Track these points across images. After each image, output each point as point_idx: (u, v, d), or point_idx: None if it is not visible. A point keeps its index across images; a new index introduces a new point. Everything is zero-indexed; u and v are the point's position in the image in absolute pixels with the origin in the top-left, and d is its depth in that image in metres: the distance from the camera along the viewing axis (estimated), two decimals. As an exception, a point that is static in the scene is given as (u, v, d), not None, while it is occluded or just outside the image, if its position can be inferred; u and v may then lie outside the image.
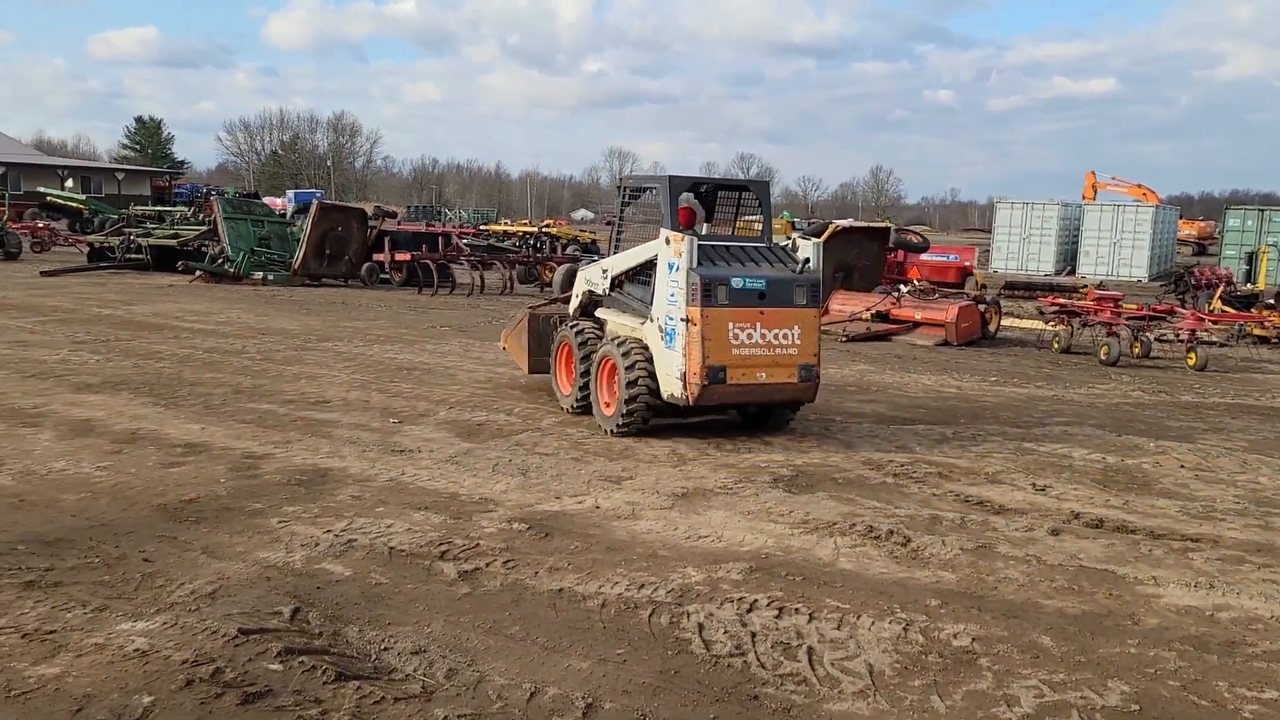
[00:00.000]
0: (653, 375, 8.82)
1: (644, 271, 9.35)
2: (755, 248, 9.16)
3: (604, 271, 9.98)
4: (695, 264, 8.48)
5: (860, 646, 4.79)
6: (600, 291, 10.05)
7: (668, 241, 8.75)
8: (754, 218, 9.93)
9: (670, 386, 8.69)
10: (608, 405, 9.23)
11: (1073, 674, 4.56)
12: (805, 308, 8.94)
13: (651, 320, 8.93)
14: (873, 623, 5.06)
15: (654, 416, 9.03)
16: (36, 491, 6.72)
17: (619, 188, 10.65)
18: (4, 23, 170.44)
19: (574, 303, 10.61)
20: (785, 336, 8.76)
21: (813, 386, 9.08)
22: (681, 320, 8.50)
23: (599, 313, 10.01)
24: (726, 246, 9.02)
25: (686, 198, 9.80)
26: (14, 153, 68.10)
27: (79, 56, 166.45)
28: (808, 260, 9.09)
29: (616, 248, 10.14)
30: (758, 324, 8.62)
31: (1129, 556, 6.20)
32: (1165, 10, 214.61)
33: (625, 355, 8.93)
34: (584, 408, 9.67)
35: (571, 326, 10.16)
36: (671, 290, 8.64)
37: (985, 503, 7.27)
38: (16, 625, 4.65)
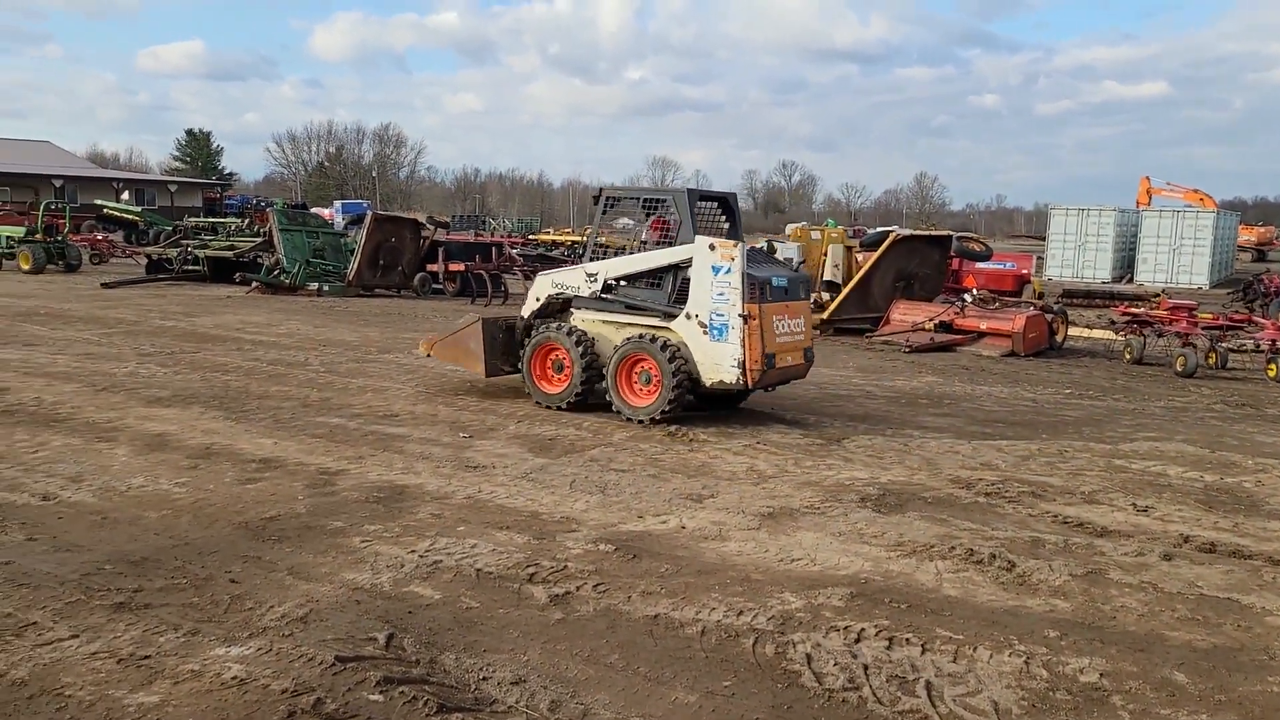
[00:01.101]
0: (690, 366, 9.75)
1: (653, 275, 10.18)
2: (753, 250, 10.40)
3: (591, 275, 10.40)
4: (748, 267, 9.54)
5: (981, 681, 4.55)
6: (585, 294, 10.47)
7: (712, 248, 9.66)
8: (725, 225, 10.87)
9: (719, 375, 9.67)
10: (636, 397, 9.98)
11: (1215, 715, 4.29)
12: (804, 301, 10.59)
13: (689, 318, 9.77)
14: (991, 655, 4.81)
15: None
16: (118, 509, 6.66)
17: (596, 198, 11.08)
18: (55, 38, 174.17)
19: (531, 306, 10.92)
20: (798, 325, 10.26)
21: (810, 365, 10.62)
22: (739, 316, 9.49)
23: (579, 314, 10.55)
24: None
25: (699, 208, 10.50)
26: (71, 166, 69.60)
27: (128, 70, 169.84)
28: (802, 261, 10.67)
29: (599, 254, 10.63)
30: (785, 316, 10.02)
31: (1251, 584, 5.89)
32: (1218, 12, 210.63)
33: (663, 350, 9.72)
34: (578, 403, 10.31)
35: (557, 328, 10.51)
36: (720, 290, 9.59)
37: (1086, 524, 6.97)
38: (111, 650, 4.55)
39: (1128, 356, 16.09)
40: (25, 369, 11.72)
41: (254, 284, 23.49)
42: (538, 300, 10.83)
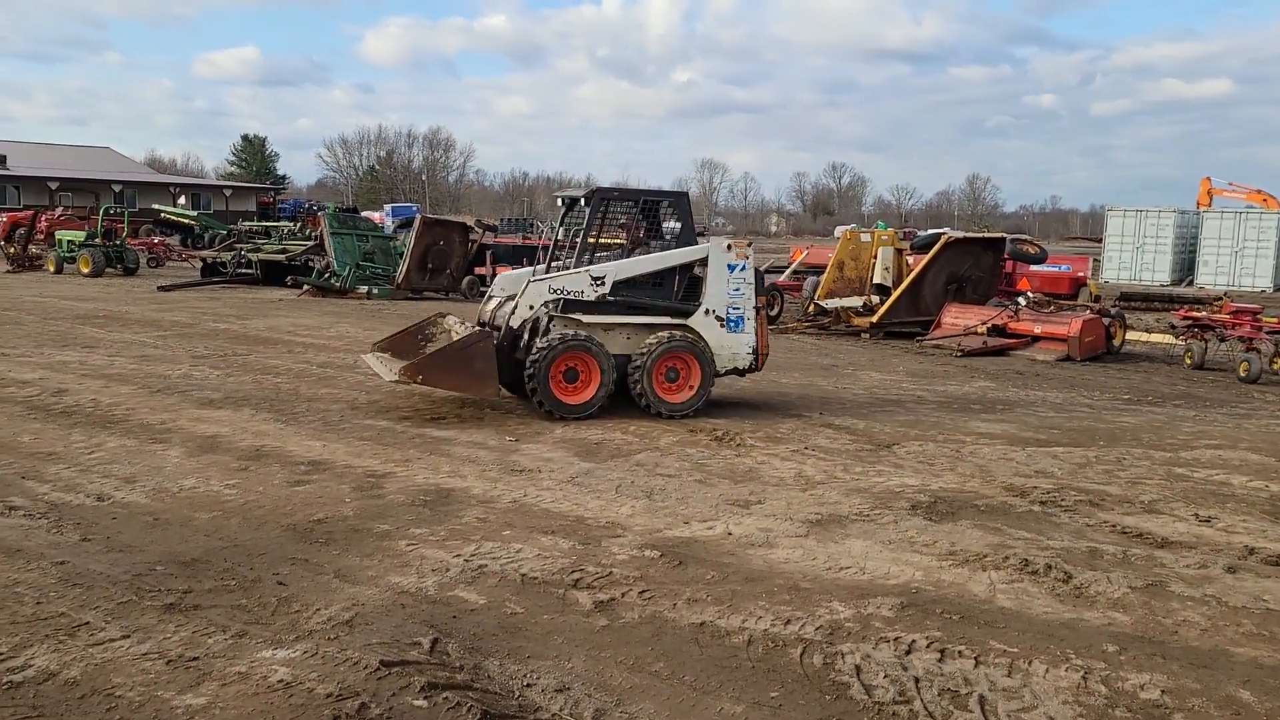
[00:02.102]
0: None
1: (657, 276, 10.53)
2: None
3: (598, 279, 10.27)
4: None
5: (1037, 697, 4.42)
6: (590, 299, 10.26)
7: (729, 247, 10.57)
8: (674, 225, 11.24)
9: (735, 362, 10.61)
10: (669, 394, 10.26)
11: (1284, 736, 4.13)
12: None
13: (708, 313, 10.45)
14: (1047, 669, 4.67)
15: None
16: (170, 510, 6.74)
17: (587, 199, 10.84)
18: (114, 45, 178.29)
19: (523, 314, 10.28)
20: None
21: None
22: (753, 308, 10.58)
23: (585, 319, 10.21)
24: None
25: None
26: (130, 171, 71.16)
27: (185, 76, 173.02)
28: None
29: (588, 258, 10.68)
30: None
31: (1320, 599, 5.68)
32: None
33: (700, 346, 10.29)
34: (597, 412, 10.07)
35: (575, 336, 9.99)
36: (736, 286, 10.50)
37: (1145, 535, 6.78)
38: (161, 651, 4.58)
39: (1188, 361, 15.70)
40: (83, 371, 11.95)
41: (305, 287, 23.79)
42: (530, 308, 10.26)
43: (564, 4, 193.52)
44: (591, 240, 10.84)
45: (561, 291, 10.30)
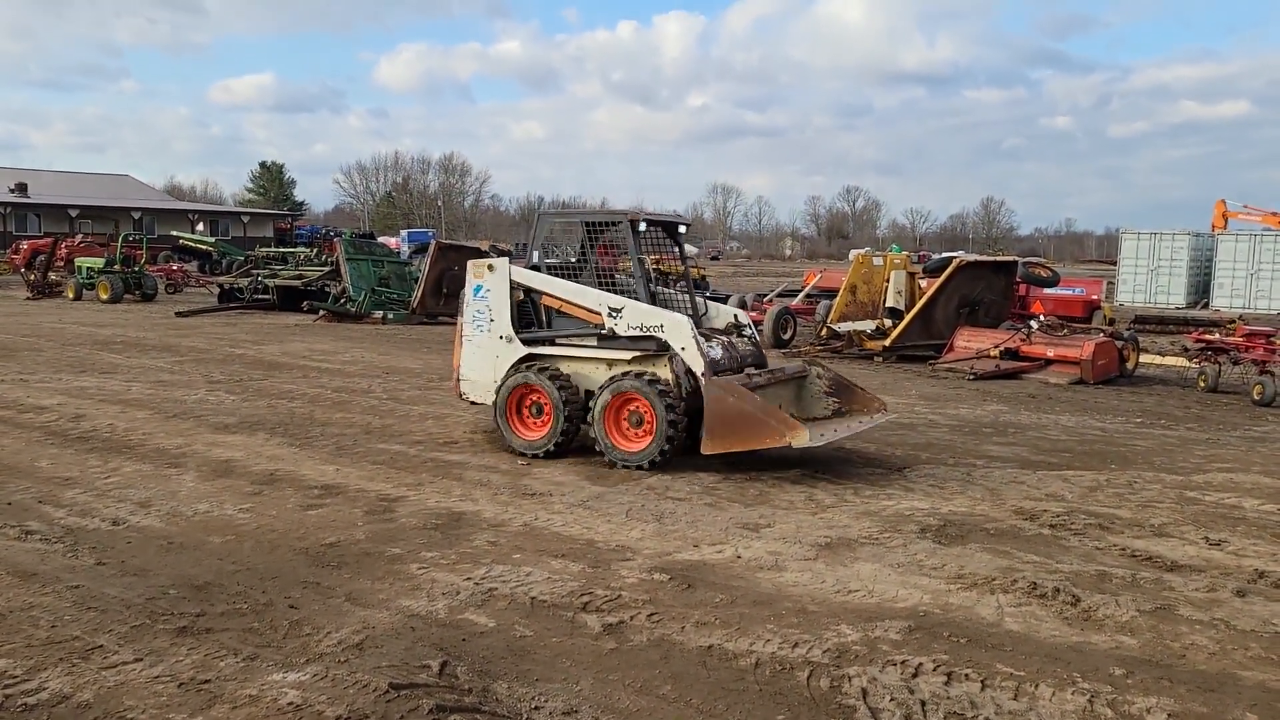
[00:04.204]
0: None
1: None
2: None
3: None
4: None
5: (1043, 720, 4.43)
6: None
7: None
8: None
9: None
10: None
11: (1291, 760, 4.12)
12: None
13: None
14: (1053, 693, 4.67)
15: None
16: (184, 534, 6.82)
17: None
18: (131, 73, 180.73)
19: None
20: None
21: None
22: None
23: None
24: None
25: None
26: (149, 198, 71.96)
27: (201, 103, 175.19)
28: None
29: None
30: None
31: (1331, 623, 5.65)
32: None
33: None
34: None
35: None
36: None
37: (1155, 558, 6.76)
38: (173, 674, 4.64)
39: (1202, 384, 15.63)
40: (101, 396, 12.09)
41: (321, 312, 23.99)
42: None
43: (578, 28, 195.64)
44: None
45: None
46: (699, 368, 9.04)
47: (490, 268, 10.08)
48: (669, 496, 8.17)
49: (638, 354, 9.33)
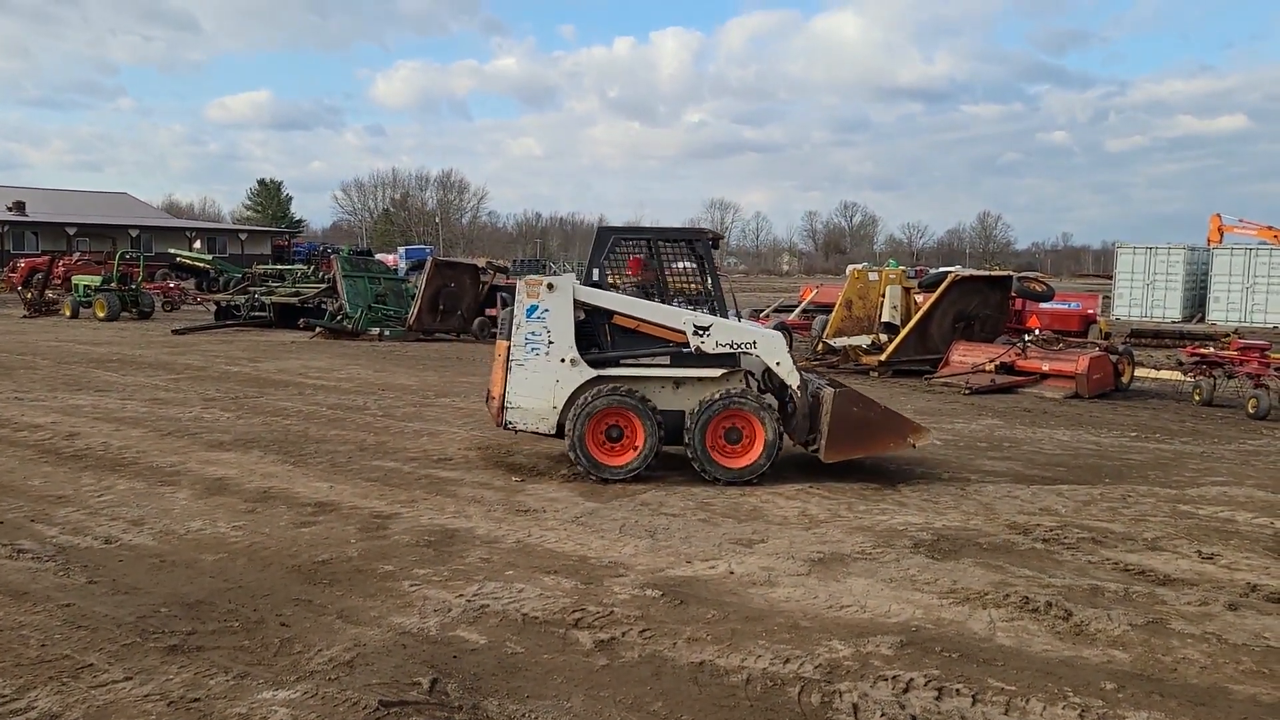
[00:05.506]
0: None
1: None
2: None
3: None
4: None
5: (1034, 735, 4.42)
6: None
7: None
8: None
9: None
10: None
11: (1281, 774, 4.11)
12: None
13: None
14: (1044, 707, 4.67)
15: None
16: (177, 552, 6.81)
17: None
18: (127, 91, 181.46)
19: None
20: None
21: None
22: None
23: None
24: None
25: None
26: (147, 216, 72.09)
27: (197, 121, 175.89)
28: None
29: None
30: None
31: (1322, 636, 5.65)
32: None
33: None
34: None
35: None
36: None
37: (1148, 572, 6.76)
38: (163, 692, 4.63)
39: (1196, 398, 15.66)
40: (96, 414, 12.09)
41: (317, 329, 24.00)
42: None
43: (575, 45, 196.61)
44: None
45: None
46: (794, 381, 9.51)
47: (550, 286, 9.33)
48: (662, 512, 8.17)
49: (724, 371, 9.42)
